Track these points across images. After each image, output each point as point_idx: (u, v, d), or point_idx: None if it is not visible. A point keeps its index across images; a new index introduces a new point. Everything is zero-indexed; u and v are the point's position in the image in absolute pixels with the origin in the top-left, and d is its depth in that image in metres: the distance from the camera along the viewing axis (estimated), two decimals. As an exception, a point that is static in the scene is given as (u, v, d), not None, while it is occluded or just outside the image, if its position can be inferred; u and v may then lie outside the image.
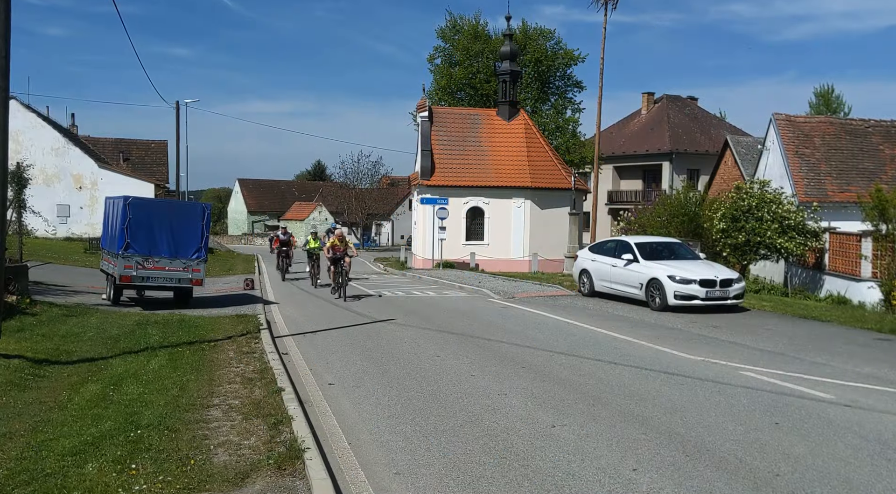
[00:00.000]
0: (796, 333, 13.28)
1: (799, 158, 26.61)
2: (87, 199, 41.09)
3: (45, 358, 9.63)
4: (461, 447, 6.31)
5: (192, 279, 16.58)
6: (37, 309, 13.79)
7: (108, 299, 17.17)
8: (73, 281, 21.06)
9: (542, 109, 48.29)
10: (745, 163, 33.06)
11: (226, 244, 65.62)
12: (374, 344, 11.63)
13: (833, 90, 57.80)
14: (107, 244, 18.15)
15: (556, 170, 36.78)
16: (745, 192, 22.88)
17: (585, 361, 10.28)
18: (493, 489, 5.31)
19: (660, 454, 6.13)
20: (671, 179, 48.68)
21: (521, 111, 38.99)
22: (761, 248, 22.31)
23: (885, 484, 5.47)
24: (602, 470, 5.71)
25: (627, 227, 28.03)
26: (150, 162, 51.78)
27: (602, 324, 14.04)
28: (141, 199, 17.65)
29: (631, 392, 8.38)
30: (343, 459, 6.01)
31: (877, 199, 18.90)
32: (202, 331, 12.42)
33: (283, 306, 17.68)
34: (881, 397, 8.28)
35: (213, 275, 25.54)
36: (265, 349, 10.62)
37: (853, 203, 22.54)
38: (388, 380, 9.01)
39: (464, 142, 37.34)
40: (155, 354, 10.07)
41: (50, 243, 34.69)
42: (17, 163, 20.35)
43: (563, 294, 20.26)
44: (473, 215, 36.30)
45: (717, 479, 5.54)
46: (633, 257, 17.35)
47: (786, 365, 10.03)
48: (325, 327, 13.74)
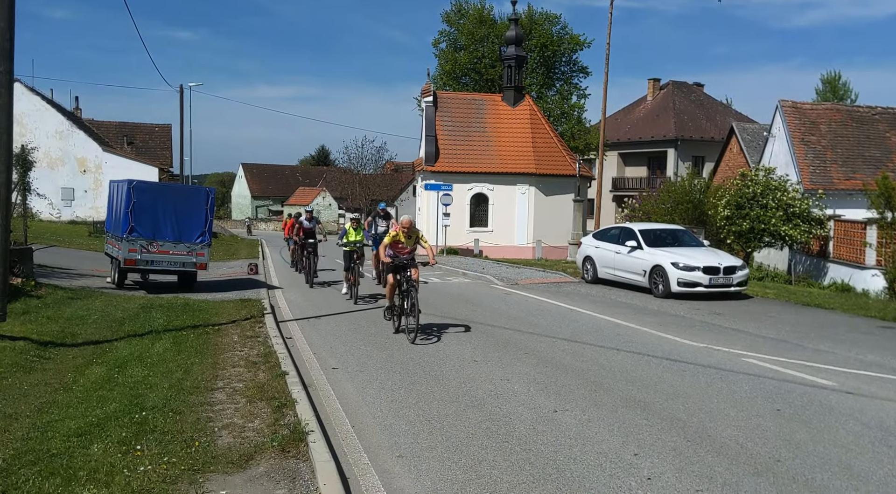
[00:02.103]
0: (799, 321, 13.28)
1: (805, 146, 26.50)
2: (92, 183, 41.18)
3: (50, 340, 9.68)
4: (464, 431, 6.34)
5: (196, 263, 16.61)
6: (41, 292, 13.84)
7: (112, 282, 17.24)
8: (77, 264, 21.13)
9: (547, 95, 48.09)
10: (751, 151, 32.93)
11: (229, 229, 65.72)
12: (378, 330, 11.66)
13: (840, 77, 57.42)
14: (111, 227, 18.21)
15: (561, 156, 36.70)
16: (750, 180, 22.83)
17: (588, 347, 10.31)
18: (494, 472, 5.35)
19: (661, 439, 6.16)
20: (676, 166, 48.51)
21: (526, 97, 38.84)
22: (765, 236, 22.28)
23: (886, 471, 5.49)
24: (603, 455, 5.74)
25: (632, 214, 28.01)
26: (154, 146, 51.79)
27: (605, 311, 14.05)
28: (145, 183, 17.66)
29: (633, 378, 8.40)
30: (346, 442, 6.05)
31: (882, 187, 18.85)
32: (206, 315, 12.47)
33: (287, 291, 17.72)
34: (883, 384, 8.29)
35: (217, 260, 25.61)
36: (269, 333, 10.66)
37: (859, 191, 22.48)
38: (392, 365, 9.04)
39: (468, 128, 37.23)
40: (159, 337, 10.12)
41: (54, 226, 34.79)
42: (22, 146, 20.37)
43: (566, 281, 20.27)
44: (477, 201, 36.28)
45: (718, 464, 5.57)
46: (636, 244, 17.34)
47: (788, 353, 10.04)
48: (329, 312, 13.77)
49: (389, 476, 5.27)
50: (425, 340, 10.62)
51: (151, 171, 40.14)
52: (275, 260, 28.71)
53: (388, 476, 5.29)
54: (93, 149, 41.79)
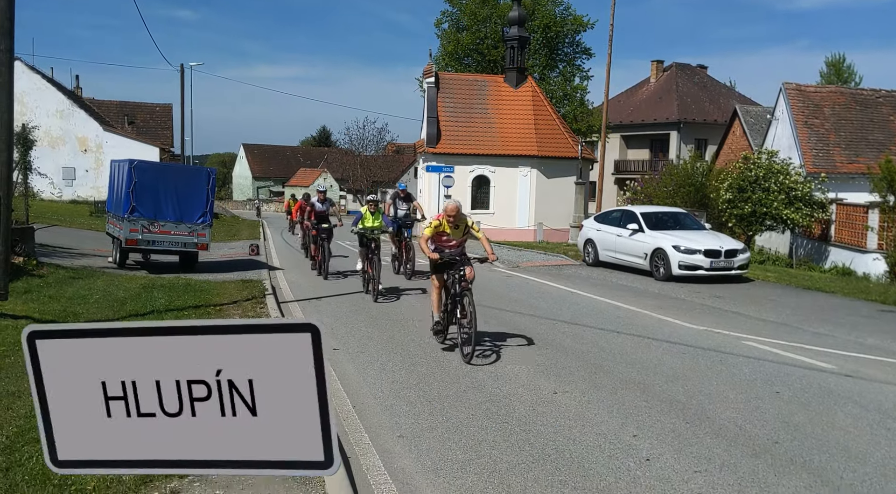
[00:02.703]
0: (800, 304, 13.30)
1: (808, 129, 26.39)
2: (93, 162, 41.10)
3: (52, 319, 9.71)
4: (464, 412, 6.37)
5: (198, 243, 16.62)
6: (43, 271, 13.86)
7: (114, 262, 17.26)
8: (79, 243, 21.14)
9: (549, 76, 47.77)
10: (754, 134, 32.80)
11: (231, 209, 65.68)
12: (379, 312, 11.69)
13: (844, 59, 56.92)
14: (112, 207, 18.19)
15: (563, 138, 36.55)
16: (753, 163, 22.75)
17: (588, 330, 10.33)
18: (494, 452, 5.38)
19: (660, 421, 6.19)
20: (678, 149, 48.34)
21: (528, 78, 38.59)
22: (767, 219, 22.25)
23: (884, 453, 5.53)
24: (602, 436, 5.78)
25: (633, 197, 27.98)
26: (155, 125, 51.60)
27: (606, 294, 14.07)
28: (146, 163, 17.64)
29: (633, 360, 8.43)
30: (348, 422, 6.08)
31: (885, 171, 18.81)
32: (208, 296, 12.50)
33: (289, 272, 17.74)
34: (882, 367, 8.32)
35: (218, 241, 25.61)
36: (270, 314, 10.70)
37: (862, 174, 22.43)
38: (393, 346, 9.07)
39: (470, 109, 37.05)
40: (161, 317, 10.14)
41: (56, 206, 34.78)
42: (23, 125, 20.32)
43: (567, 263, 20.28)
44: (479, 184, 36.17)
45: (717, 446, 5.60)
46: (638, 227, 17.33)
47: (788, 336, 10.07)
48: (330, 294, 13.79)
49: (390, 456, 5.31)
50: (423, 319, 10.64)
51: (152, 151, 40.05)
52: (276, 241, 28.70)
53: (389, 455, 5.33)
54: (94, 128, 41.65)
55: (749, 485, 4.89)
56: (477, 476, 4.93)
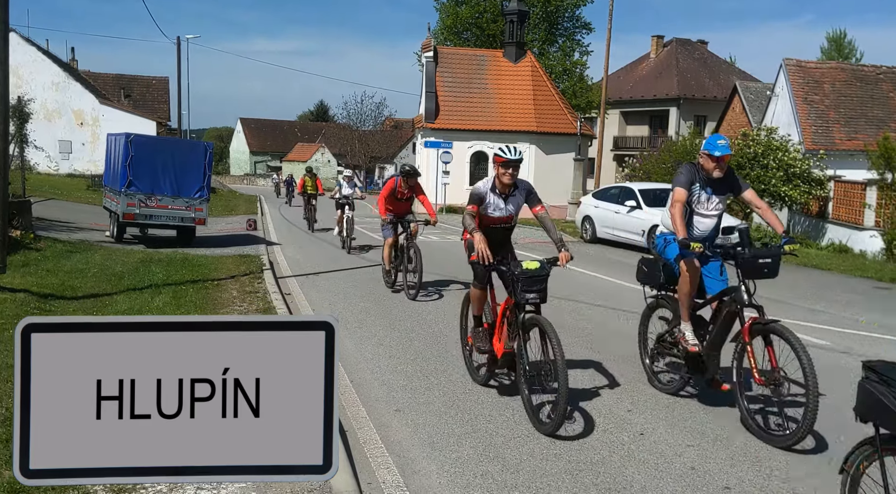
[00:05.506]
0: (796, 281, 13.35)
1: (808, 105, 26.27)
2: (89, 136, 40.85)
3: (50, 292, 9.73)
4: (461, 386, 6.43)
5: (195, 218, 16.60)
6: (41, 245, 13.86)
7: (111, 236, 17.26)
8: (76, 217, 21.11)
9: (549, 51, 47.40)
10: (754, 110, 32.66)
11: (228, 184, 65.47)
12: (377, 287, 11.72)
13: (845, 35, 56.55)
14: (109, 181, 18.14)
15: (563, 114, 36.38)
16: (752, 140, 22.67)
17: (585, 306, 10.38)
18: (490, 426, 5.44)
19: (654, 396, 6.25)
20: (678, 125, 48.15)
21: (528, 53, 38.31)
22: (765, 196, 22.23)
23: (875, 429, 5.58)
24: (597, 410, 5.83)
25: (632, 174, 27.93)
26: (152, 99, 51.26)
27: (603, 270, 14.11)
28: (143, 137, 17.53)
29: (629, 335, 8.47)
30: (345, 396, 6.12)
31: (883, 148, 18.77)
32: (205, 270, 12.51)
33: (286, 247, 17.75)
34: (877, 344, 8.38)
35: (216, 215, 25.57)
36: (268, 289, 10.71)
37: (860, 151, 22.36)
38: (391, 322, 9.12)
39: (469, 84, 36.81)
40: (159, 292, 10.16)
41: (52, 179, 34.65)
42: (18, 98, 20.18)
43: (565, 240, 20.29)
44: (478, 160, 36.06)
45: (710, 421, 5.66)
46: (636, 204, 17.33)
47: (784, 313, 10.10)
48: (328, 269, 13.82)
49: (387, 429, 5.36)
50: (425, 297, 10.68)
51: (149, 125, 39.77)
52: (273, 216, 28.67)
53: (386, 428, 5.38)
54: (90, 101, 41.34)
55: (741, 459, 4.96)
56: (473, 449, 4.98)
